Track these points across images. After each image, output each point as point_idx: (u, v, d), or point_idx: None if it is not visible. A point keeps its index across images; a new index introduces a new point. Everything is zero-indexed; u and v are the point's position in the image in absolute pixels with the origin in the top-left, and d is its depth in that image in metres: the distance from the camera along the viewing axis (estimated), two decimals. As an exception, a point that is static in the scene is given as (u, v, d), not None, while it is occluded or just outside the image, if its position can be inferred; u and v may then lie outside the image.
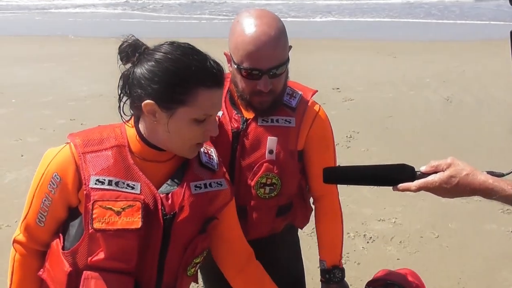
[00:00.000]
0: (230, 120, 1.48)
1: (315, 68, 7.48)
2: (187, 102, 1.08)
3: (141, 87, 1.09)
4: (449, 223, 3.42)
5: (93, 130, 1.19)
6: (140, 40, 1.13)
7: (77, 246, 1.12)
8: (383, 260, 3.02)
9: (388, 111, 5.75)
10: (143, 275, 1.15)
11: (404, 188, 1.10)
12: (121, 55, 1.13)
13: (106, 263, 1.10)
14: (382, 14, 13.51)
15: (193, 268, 1.24)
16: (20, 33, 11.32)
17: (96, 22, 13.72)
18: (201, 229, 1.21)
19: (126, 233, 1.07)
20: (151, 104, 1.08)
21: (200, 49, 1.13)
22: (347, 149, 4.62)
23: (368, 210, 3.59)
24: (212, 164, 1.25)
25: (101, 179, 1.10)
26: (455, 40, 9.83)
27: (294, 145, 1.48)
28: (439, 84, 6.72)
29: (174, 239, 1.16)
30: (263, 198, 1.47)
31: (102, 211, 1.07)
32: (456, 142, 4.77)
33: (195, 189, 1.18)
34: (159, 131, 1.12)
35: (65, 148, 1.15)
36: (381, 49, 8.94)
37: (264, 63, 1.34)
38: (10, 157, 4.51)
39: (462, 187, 1.05)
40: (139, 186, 1.12)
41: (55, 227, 1.20)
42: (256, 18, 1.36)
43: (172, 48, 1.10)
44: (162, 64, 1.07)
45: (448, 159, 1.09)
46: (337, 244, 1.61)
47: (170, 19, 13.88)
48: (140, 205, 1.09)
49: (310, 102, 1.53)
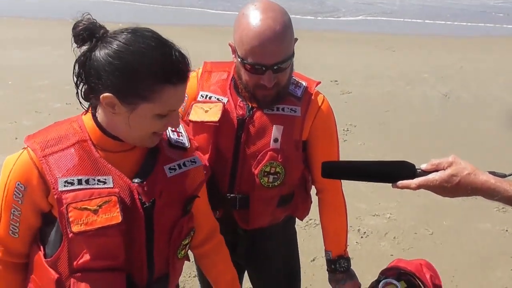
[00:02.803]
0: (235, 107, 1.46)
1: (314, 60, 7.43)
2: (151, 99, 1.02)
3: (99, 78, 1.01)
4: (444, 220, 3.42)
5: (49, 129, 1.11)
6: (96, 22, 1.04)
7: (59, 252, 1.08)
8: (377, 256, 3.03)
9: (385, 105, 5.74)
10: (134, 267, 1.13)
11: (404, 186, 1.08)
12: (76, 39, 1.03)
13: (93, 264, 1.06)
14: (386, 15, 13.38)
15: (182, 250, 1.22)
16: (18, 15, 11.17)
17: (96, 6, 13.52)
18: (184, 210, 1.18)
19: (107, 230, 1.03)
20: (110, 97, 1.02)
21: (164, 38, 1.05)
22: (343, 142, 4.60)
23: (362, 205, 3.58)
24: (183, 142, 1.21)
25: (69, 180, 1.04)
26: (454, 36, 9.81)
27: (298, 135, 1.47)
28: (436, 80, 6.71)
29: (158, 226, 1.13)
30: (266, 187, 1.46)
31: (78, 212, 1.02)
32: (453, 139, 4.77)
33: (169, 172, 1.14)
34: (118, 123, 1.07)
35: (23, 155, 1.08)
36: (379, 43, 8.90)
37: (269, 58, 1.32)
38: (3, 140, 4.45)
39: (463, 187, 1.03)
40: (111, 179, 1.07)
41: (30, 236, 1.15)
42: (262, 11, 1.32)
43: (135, 38, 1.01)
44: (124, 57, 0.99)
45: (449, 157, 1.07)
46: (342, 235, 1.62)
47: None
48: (116, 199, 1.04)
49: (315, 92, 1.52)
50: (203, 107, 1.46)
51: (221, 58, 1.69)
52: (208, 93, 1.50)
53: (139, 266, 1.13)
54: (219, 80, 1.52)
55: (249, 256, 1.66)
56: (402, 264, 1.49)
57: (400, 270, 1.46)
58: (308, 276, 2.81)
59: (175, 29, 9.97)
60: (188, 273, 2.80)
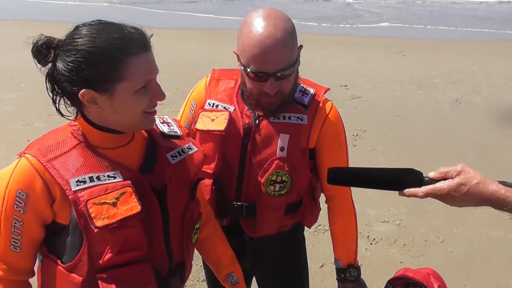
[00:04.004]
0: (241, 116, 1.46)
1: (323, 64, 7.42)
2: (122, 77, 1.02)
3: (70, 81, 1.03)
4: (455, 227, 3.38)
5: (44, 138, 1.10)
6: (50, 36, 1.06)
7: (80, 255, 1.06)
8: (386, 263, 3.00)
9: (396, 110, 5.71)
10: (156, 256, 1.14)
11: (411, 194, 1.07)
12: (38, 58, 1.06)
13: (119, 258, 1.06)
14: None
15: (195, 234, 1.26)
16: (33, 18, 11.33)
17: (105, 11, 13.66)
18: (191, 194, 1.23)
19: (129, 220, 1.04)
20: (87, 93, 1.03)
21: (112, 21, 1.07)
22: (353, 148, 4.58)
23: (372, 211, 3.56)
24: (175, 131, 1.25)
25: (81, 178, 1.04)
26: (465, 40, 9.73)
27: (305, 143, 1.46)
28: (448, 85, 6.65)
29: (172, 212, 1.16)
30: (272, 195, 1.45)
31: (98, 207, 1.02)
32: (464, 145, 4.72)
33: (172, 159, 1.19)
34: (107, 116, 1.07)
35: (22, 162, 1.05)
36: (390, 47, 8.87)
37: (270, 66, 1.31)
38: (16, 141, 4.51)
39: (471, 196, 1.02)
40: (120, 174, 1.08)
41: (34, 250, 1.11)
42: (264, 19, 1.31)
43: (85, 30, 1.03)
44: (82, 49, 1.01)
45: (458, 166, 1.05)
46: (352, 243, 1.60)
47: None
48: (131, 189, 1.05)
49: (323, 99, 1.51)
50: (210, 116, 1.46)
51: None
52: (215, 101, 1.50)
53: (160, 254, 1.15)
54: (226, 89, 1.52)
55: (257, 263, 1.64)
56: (410, 274, 1.47)
57: (409, 279, 1.44)
58: (316, 282, 2.80)
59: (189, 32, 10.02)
60: (196, 277, 2.80)
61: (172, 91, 5.90)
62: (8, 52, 7.93)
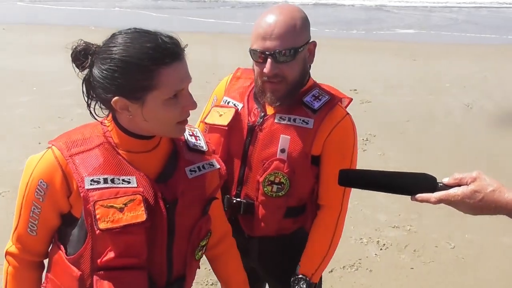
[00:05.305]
0: (249, 113, 1.48)
1: (333, 68, 7.40)
2: (153, 86, 1.05)
3: (104, 88, 1.06)
4: (466, 233, 3.34)
5: (73, 132, 1.16)
6: (89, 42, 1.10)
7: (82, 250, 1.10)
8: (396, 269, 2.98)
9: (406, 115, 5.66)
10: (154, 267, 1.15)
11: (423, 199, 1.05)
12: (76, 64, 1.10)
13: (117, 261, 1.09)
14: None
15: (200, 251, 1.26)
16: (45, 23, 11.47)
17: (115, 14, 13.79)
18: (203, 211, 1.22)
19: (132, 228, 1.06)
20: (120, 100, 1.06)
21: (148, 30, 1.09)
22: (363, 152, 4.56)
23: (382, 216, 3.53)
24: (201, 145, 1.25)
25: (95, 178, 1.07)
26: (477, 44, 9.64)
27: (309, 147, 1.45)
28: (459, 89, 6.59)
29: (179, 226, 1.16)
30: (270, 195, 1.46)
31: (104, 210, 1.05)
32: (476, 151, 4.67)
33: (190, 174, 1.18)
34: (138, 122, 1.10)
35: (48, 153, 1.11)
36: (400, 51, 8.81)
37: (268, 44, 1.35)
38: (27, 144, 4.55)
39: (486, 204, 1.00)
40: (135, 180, 1.10)
41: (48, 236, 1.18)
42: (275, 8, 1.39)
43: (120, 38, 1.06)
44: (116, 58, 1.04)
45: (473, 172, 1.03)
46: (316, 258, 1.51)
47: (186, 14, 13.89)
48: (141, 197, 1.07)
49: (337, 107, 1.49)
50: (219, 111, 1.51)
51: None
52: (228, 98, 1.54)
53: (159, 265, 1.16)
54: (241, 87, 1.55)
55: (264, 264, 1.64)
56: None
57: None
58: (326, 287, 2.78)
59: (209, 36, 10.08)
60: (205, 281, 2.80)
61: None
62: (20, 56, 8.03)
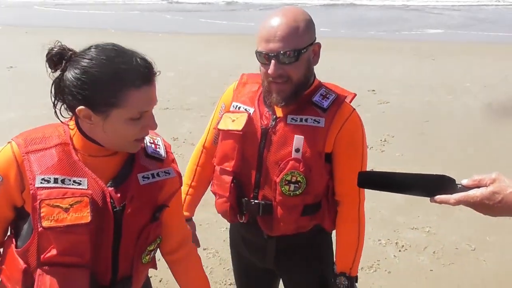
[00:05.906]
0: (260, 117, 1.52)
1: (351, 68, 7.36)
2: (119, 104, 1.09)
3: (72, 95, 1.11)
4: (487, 236, 3.28)
5: (35, 130, 1.20)
6: (66, 46, 1.14)
7: (28, 244, 1.14)
8: (415, 270, 2.94)
9: (425, 115, 5.60)
10: (99, 266, 1.19)
11: (442, 201, 1.05)
12: (49, 64, 1.14)
13: (59, 259, 1.12)
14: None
15: (147, 255, 1.28)
16: (66, 25, 11.73)
17: (139, 17, 13.97)
18: (152, 217, 1.25)
19: (76, 228, 1.10)
20: (84, 110, 1.11)
21: (125, 48, 1.14)
22: (381, 153, 4.52)
23: (401, 217, 3.50)
24: (159, 154, 1.28)
25: (46, 178, 1.11)
26: (498, 43, 9.47)
27: (322, 146, 1.48)
28: (479, 89, 6.49)
29: (126, 230, 1.19)
30: (287, 195, 1.48)
31: (50, 209, 1.09)
32: (496, 151, 4.58)
33: (143, 180, 1.22)
34: (97, 131, 1.15)
35: (6, 148, 1.16)
36: (419, 51, 8.72)
37: (272, 46, 1.38)
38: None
39: (505, 206, 0.99)
40: (86, 182, 1.14)
41: (3, 227, 1.22)
42: (280, 11, 1.42)
43: (97, 53, 1.10)
44: (88, 71, 1.09)
45: (492, 174, 1.02)
46: (350, 252, 1.58)
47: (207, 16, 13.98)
48: (88, 200, 1.11)
49: (344, 104, 1.52)
50: (231, 117, 1.55)
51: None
52: (238, 103, 1.58)
53: (104, 266, 1.20)
54: (249, 92, 1.59)
55: (280, 263, 1.66)
56: None
57: None
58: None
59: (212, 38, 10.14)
60: (224, 280, 2.82)
61: (199, 96, 5.92)
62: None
